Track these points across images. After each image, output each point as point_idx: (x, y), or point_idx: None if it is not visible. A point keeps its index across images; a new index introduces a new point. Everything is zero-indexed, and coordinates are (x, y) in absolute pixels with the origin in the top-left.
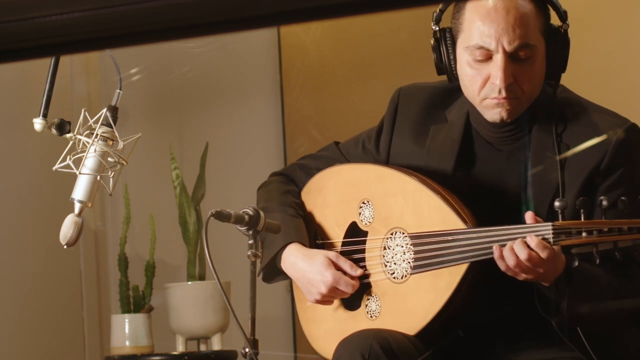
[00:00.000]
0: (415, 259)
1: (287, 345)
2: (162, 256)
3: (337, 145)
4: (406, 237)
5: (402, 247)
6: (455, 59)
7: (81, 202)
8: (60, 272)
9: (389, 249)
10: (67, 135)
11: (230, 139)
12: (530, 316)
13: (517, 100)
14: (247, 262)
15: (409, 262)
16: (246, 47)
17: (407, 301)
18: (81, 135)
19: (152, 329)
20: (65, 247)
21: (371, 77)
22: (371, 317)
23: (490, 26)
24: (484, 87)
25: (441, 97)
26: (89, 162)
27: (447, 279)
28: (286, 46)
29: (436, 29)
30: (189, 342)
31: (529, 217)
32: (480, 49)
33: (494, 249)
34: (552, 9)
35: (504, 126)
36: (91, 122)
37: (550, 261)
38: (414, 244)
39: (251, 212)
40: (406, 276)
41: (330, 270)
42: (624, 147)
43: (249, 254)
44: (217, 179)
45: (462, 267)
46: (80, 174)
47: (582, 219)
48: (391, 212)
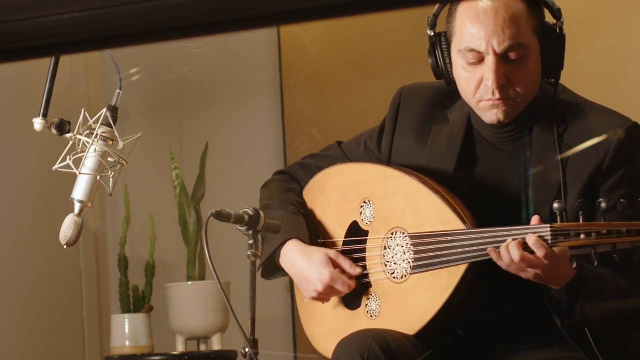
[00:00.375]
0: (415, 259)
1: (287, 345)
2: (162, 256)
3: (340, 145)
4: (406, 237)
5: (403, 247)
6: (451, 63)
7: (81, 202)
8: (60, 272)
9: (390, 248)
10: (67, 135)
11: (230, 139)
12: (530, 316)
13: (513, 101)
14: (247, 262)
15: (409, 262)
16: (246, 47)
17: (407, 301)
18: (81, 135)
19: (152, 329)
20: (65, 247)
21: (371, 77)
22: (371, 316)
23: (480, 28)
24: (478, 89)
25: (443, 98)
26: (89, 162)
27: (446, 279)
28: (286, 46)
29: (431, 33)
30: (189, 342)
31: (536, 220)
32: (471, 51)
33: (490, 252)
34: (545, 8)
35: (504, 127)
36: (91, 122)
37: (549, 263)
38: (414, 244)
39: (251, 212)
40: (406, 276)
41: (328, 268)
42: (625, 147)
43: (249, 254)
44: (217, 179)
45: (461, 268)
46: (80, 174)
47: (581, 221)
48: (392, 212)
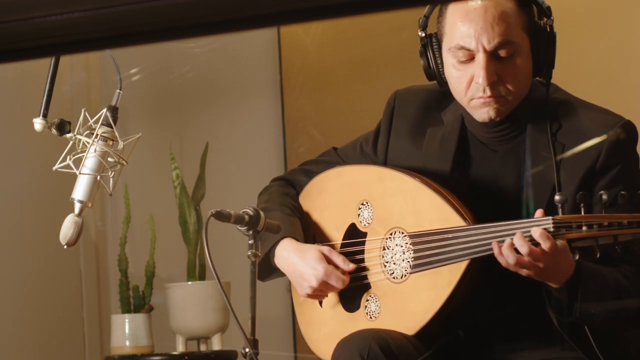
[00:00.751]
0: (414, 258)
1: (287, 345)
2: (162, 256)
3: (336, 150)
4: (405, 236)
5: (402, 246)
6: (442, 63)
7: (81, 202)
8: (60, 272)
9: (388, 249)
10: (67, 135)
11: (230, 139)
12: (530, 316)
13: (504, 98)
14: (247, 262)
15: (409, 261)
16: (246, 47)
17: (407, 301)
18: (81, 135)
19: (152, 329)
20: (65, 247)
21: (371, 77)
22: (371, 317)
23: (469, 26)
24: (469, 87)
25: (437, 99)
26: (89, 162)
27: (447, 277)
28: (286, 46)
29: (422, 34)
30: (189, 342)
31: (539, 214)
32: (461, 49)
33: (493, 246)
34: (535, 6)
35: (497, 126)
36: (91, 122)
37: (551, 255)
38: (413, 243)
39: (251, 212)
40: (405, 276)
41: (322, 264)
42: (619, 145)
43: (249, 254)
44: (217, 179)
45: (462, 265)
46: (80, 174)
47: (583, 213)
48: (390, 213)
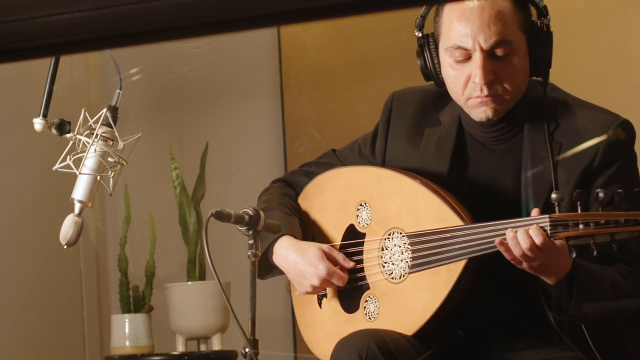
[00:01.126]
0: (413, 258)
1: (287, 345)
2: (162, 256)
3: (334, 152)
4: (404, 236)
5: (400, 247)
6: (439, 63)
7: (81, 202)
8: (60, 272)
9: (387, 249)
10: (67, 135)
11: (230, 139)
12: (530, 316)
13: (501, 97)
14: (247, 262)
15: (407, 261)
16: (246, 47)
17: (406, 301)
18: (81, 135)
19: (152, 329)
20: (65, 247)
21: (371, 77)
22: (370, 318)
23: (466, 25)
24: (466, 87)
25: (434, 100)
26: (89, 162)
27: (445, 276)
28: (286, 46)
29: (419, 35)
30: (189, 342)
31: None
32: (458, 49)
33: (498, 245)
34: (531, 5)
35: (494, 125)
36: (91, 122)
37: (546, 252)
38: (411, 243)
39: (251, 212)
40: (404, 276)
41: (323, 262)
42: (616, 144)
43: (249, 254)
44: (217, 179)
45: (460, 264)
46: (80, 174)
47: (579, 211)
48: (388, 213)
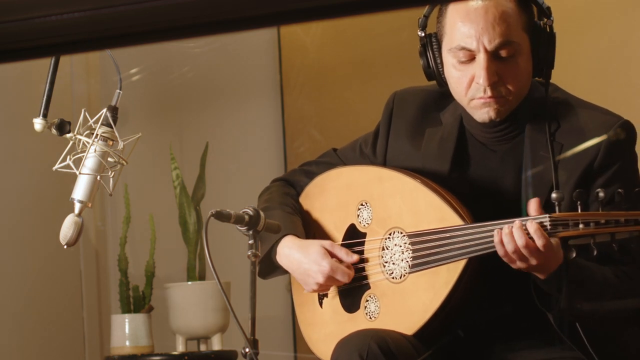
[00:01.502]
0: (413, 258)
1: (287, 345)
2: (162, 256)
3: (335, 151)
4: (404, 236)
5: (401, 246)
6: (442, 63)
7: (81, 202)
8: (60, 272)
9: (388, 249)
10: (67, 135)
11: (230, 139)
12: (530, 315)
13: (504, 99)
14: (247, 262)
15: (407, 261)
16: (246, 47)
17: (406, 300)
18: (81, 135)
19: (152, 329)
20: (65, 247)
21: (371, 77)
22: (370, 318)
23: (470, 26)
24: (469, 88)
25: (435, 100)
26: (89, 162)
27: (445, 276)
28: (286, 46)
29: (422, 34)
30: (189, 342)
31: (533, 204)
32: (462, 49)
33: (495, 233)
34: (534, 6)
35: (496, 126)
36: (91, 122)
37: (546, 253)
38: (412, 243)
39: (251, 212)
40: (405, 275)
41: (326, 259)
42: (616, 145)
43: (249, 254)
44: (217, 179)
45: (460, 264)
46: (80, 174)
47: (579, 211)
48: (389, 213)
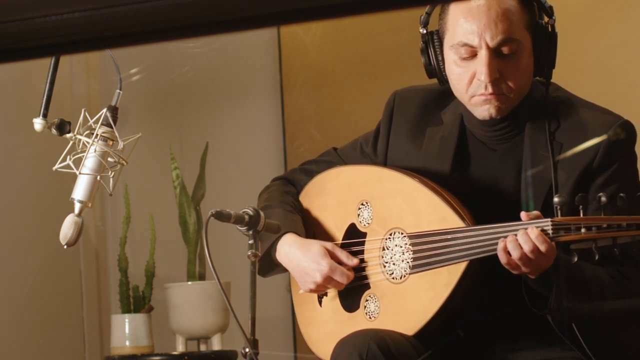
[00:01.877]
0: (414, 259)
1: (287, 345)
2: (162, 256)
3: (336, 150)
4: (405, 237)
5: (401, 247)
6: (443, 60)
7: (81, 202)
8: (60, 272)
9: (388, 249)
10: (67, 135)
11: (230, 139)
12: (530, 316)
13: (505, 96)
14: (247, 262)
15: (408, 262)
16: (246, 47)
17: (406, 301)
18: (81, 135)
19: (152, 329)
20: (65, 247)
21: (371, 77)
22: (370, 318)
23: (472, 23)
24: (470, 84)
25: (436, 99)
26: (89, 162)
27: (446, 278)
28: (286, 46)
29: (424, 31)
30: (189, 342)
31: (523, 217)
32: (464, 46)
33: (499, 242)
34: (537, 5)
35: (496, 124)
36: (91, 122)
37: (548, 256)
38: (412, 244)
39: (251, 212)
40: (405, 276)
41: (326, 259)
42: (616, 144)
43: (249, 254)
44: (217, 179)
45: (461, 265)
46: (80, 174)
47: (581, 215)
48: (390, 213)
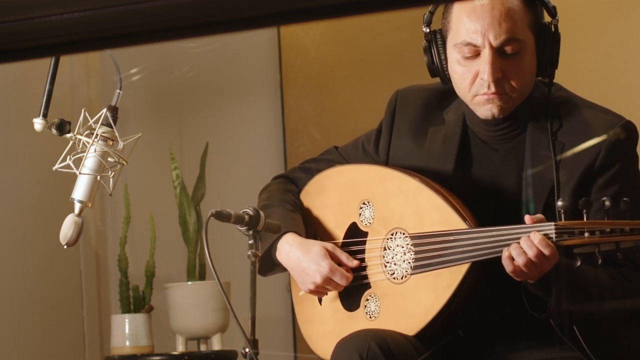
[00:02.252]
0: (415, 259)
1: (287, 345)
2: (162, 256)
3: (337, 149)
4: (407, 237)
5: (403, 247)
6: (446, 60)
7: (81, 202)
8: (60, 272)
9: (389, 249)
10: (67, 135)
11: (230, 139)
12: (530, 316)
13: (507, 95)
14: (247, 262)
15: (409, 262)
16: (246, 47)
17: (407, 301)
18: (81, 135)
19: (152, 329)
20: (65, 247)
21: (371, 77)
22: (370, 317)
23: (476, 22)
24: (473, 83)
25: (438, 99)
26: (89, 162)
27: (448, 279)
28: (286, 46)
29: (427, 30)
30: (189, 342)
31: (527, 220)
32: (467, 45)
33: (503, 250)
34: (540, 5)
35: (498, 124)
36: (91, 122)
37: (551, 260)
38: (414, 244)
39: (251, 212)
40: (406, 276)
41: (326, 260)
42: (618, 145)
43: (249, 254)
44: (217, 179)
45: (463, 267)
46: (80, 174)
47: (585, 219)
48: (391, 213)
